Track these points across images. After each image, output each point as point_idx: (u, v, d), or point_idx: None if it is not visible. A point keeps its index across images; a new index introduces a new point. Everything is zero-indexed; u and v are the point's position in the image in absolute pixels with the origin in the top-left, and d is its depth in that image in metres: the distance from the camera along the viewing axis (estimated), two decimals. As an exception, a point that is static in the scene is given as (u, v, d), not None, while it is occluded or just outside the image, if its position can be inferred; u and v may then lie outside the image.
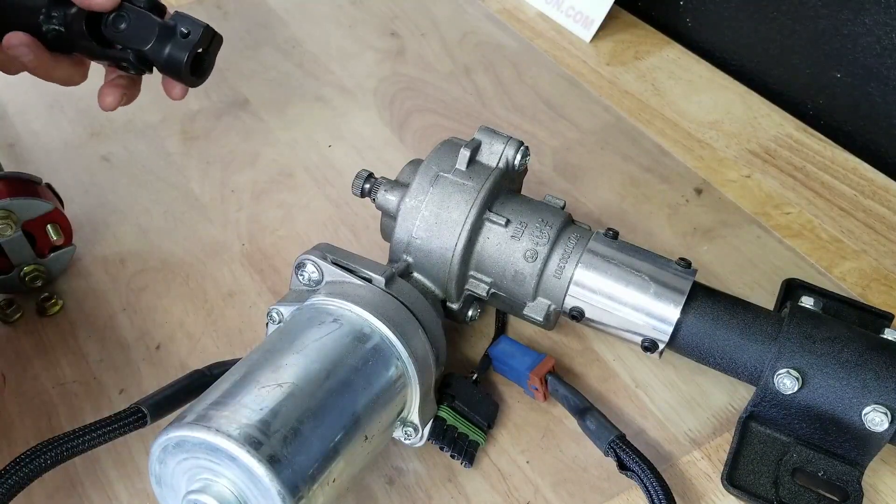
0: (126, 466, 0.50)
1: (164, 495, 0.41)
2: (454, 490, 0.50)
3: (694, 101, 0.80)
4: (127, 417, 0.45)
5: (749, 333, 0.50)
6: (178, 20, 0.56)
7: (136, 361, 0.56)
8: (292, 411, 0.40)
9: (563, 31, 0.89)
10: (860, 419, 0.47)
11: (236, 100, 0.78)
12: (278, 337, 0.46)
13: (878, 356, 0.48)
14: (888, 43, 0.72)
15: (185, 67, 0.56)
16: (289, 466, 0.38)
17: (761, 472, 0.50)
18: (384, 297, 0.48)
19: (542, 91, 0.81)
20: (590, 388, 0.56)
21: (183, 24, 0.56)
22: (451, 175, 0.52)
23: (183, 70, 0.56)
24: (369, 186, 0.54)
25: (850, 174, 0.72)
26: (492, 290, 0.54)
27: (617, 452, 0.49)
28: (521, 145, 0.54)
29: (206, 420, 0.39)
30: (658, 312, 0.50)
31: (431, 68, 0.83)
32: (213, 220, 0.66)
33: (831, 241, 0.66)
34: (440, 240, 0.52)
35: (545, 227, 0.52)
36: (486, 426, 0.52)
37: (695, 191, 0.71)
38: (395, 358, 0.46)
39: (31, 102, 0.77)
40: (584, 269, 0.51)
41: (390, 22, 0.90)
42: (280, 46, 0.85)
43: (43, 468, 0.42)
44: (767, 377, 0.49)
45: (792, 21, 0.79)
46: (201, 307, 0.60)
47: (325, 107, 0.78)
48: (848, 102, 0.77)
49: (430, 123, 0.76)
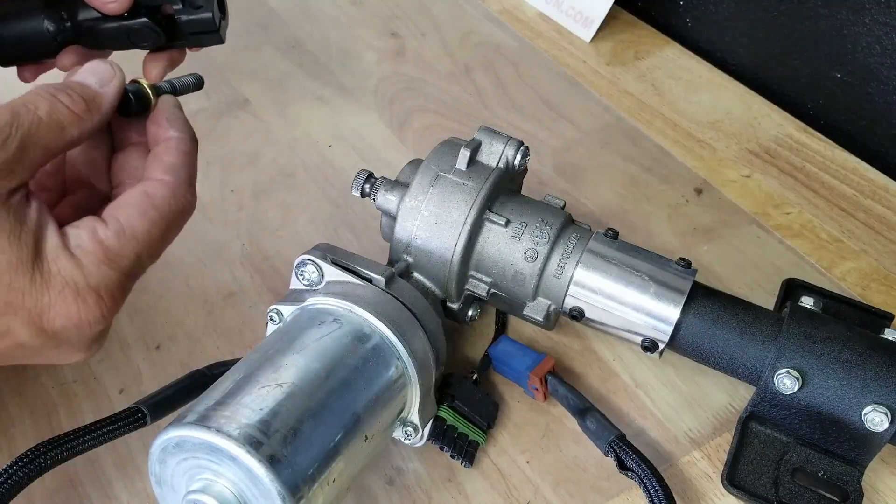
0: (126, 466, 0.50)
1: (164, 495, 0.41)
2: (454, 490, 0.50)
3: (694, 101, 0.80)
4: (127, 417, 0.45)
5: (749, 333, 0.50)
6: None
7: (136, 361, 0.56)
8: (292, 411, 0.40)
9: (563, 31, 0.89)
10: (860, 419, 0.47)
11: (236, 100, 0.78)
12: (278, 337, 0.46)
13: (878, 356, 0.48)
14: (888, 43, 0.72)
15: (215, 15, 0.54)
16: (289, 466, 0.38)
17: (761, 472, 0.50)
18: (384, 297, 0.48)
19: (542, 91, 0.81)
20: (590, 388, 0.56)
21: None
22: (451, 175, 0.53)
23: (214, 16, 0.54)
24: (369, 186, 0.54)
25: (850, 174, 0.72)
26: (492, 290, 0.54)
27: (617, 452, 0.49)
28: (521, 145, 0.54)
29: (206, 420, 0.39)
30: (658, 312, 0.50)
31: (431, 68, 0.83)
32: (213, 220, 0.66)
33: (831, 241, 0.66)
34: (440, 240, 0.52)
35: (545, 227, 0.52)
36: (486, 426, 0.52)
37: (695, 191, 0.71)
38: (395, 358, 0.46)
39: (31, 102, 0.77)
40: (584, 269, 0.51)
41: (390, 22, 0.90)
42: (280, 46, 0.85)
43: (43, 468, 0.42)
44: (767, 377, 0.49)
45: (792, 21, 0.79)
46: (201, 307, 0.60)
47: (325, 107, 0.78)
48: (848, 102, 0.77)
49: (430, 123, 0.76)
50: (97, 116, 0.38)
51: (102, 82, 0.39)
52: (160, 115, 0.41)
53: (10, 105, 0.35)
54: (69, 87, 0.38)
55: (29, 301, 0.35)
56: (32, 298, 0.35)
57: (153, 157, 0.40)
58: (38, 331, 0.35)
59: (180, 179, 0.39)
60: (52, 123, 0.36)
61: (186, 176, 0.40)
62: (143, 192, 0.38)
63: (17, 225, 0.34)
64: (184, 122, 0.41)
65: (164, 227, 0.38)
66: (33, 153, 0.35)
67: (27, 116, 0.35)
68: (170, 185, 0.38)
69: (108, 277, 0.36)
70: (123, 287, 0.37)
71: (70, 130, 0.37)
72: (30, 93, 0.36)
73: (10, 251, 0.34)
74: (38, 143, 0.35)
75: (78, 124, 0.37)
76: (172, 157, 0.39)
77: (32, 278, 0.35)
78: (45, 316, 0.35)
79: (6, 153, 0.34)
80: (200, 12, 0.55)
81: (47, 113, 0.36)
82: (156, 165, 0.39)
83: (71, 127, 0.37)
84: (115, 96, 0.39)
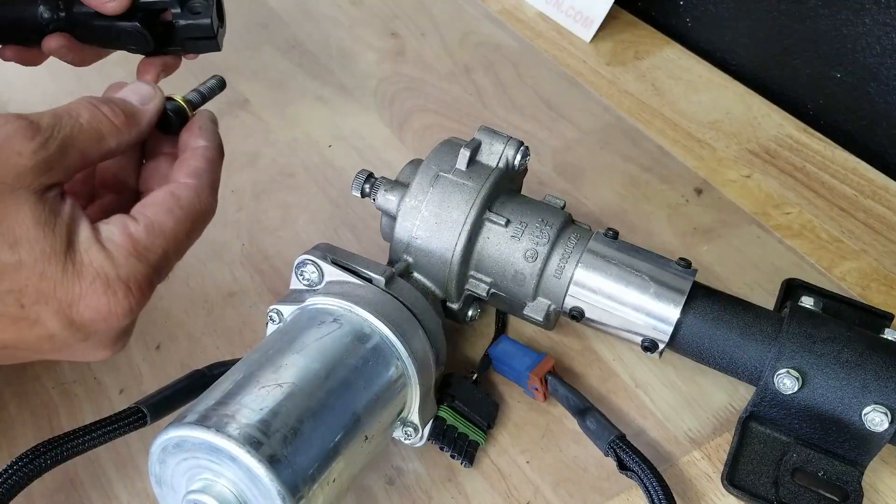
0: (126, 466, 0.50)
1: (164, 495, 0.41)
2: (454, 490, 0.50)
3: (694, 101, 0.80)
4: (127, 417, 0.45)
5: (749, 333, 0.50)
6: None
7: (136, 361, 0.56)
8: (292, 411, 0.40)
9: (563, 31, 0.89)
10: (860, 419, 0.47)
11: (236, 100, 0.78)
12: (278, 337, 0.46)
13: (878, 356, 0.48)
14: (888, 43, 0.72)
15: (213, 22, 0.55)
16: (289, 466, 0.38)
17: (761, 472, 0.50)
18: (384, 297, 0.48)
19: (542, 91, 0.81)
20: (590, 388, 0.56)
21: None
22: (451, 175, 0.53)
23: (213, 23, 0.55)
24: (369, 186, 0.54)
25: (850, 174, 0.72)
26: (492, 290, 0.54)
27: (617, 452, 0.49)
28: (521, 145, 0.54)
29: (206, 420, 0.39)
30: (658, 312, 0.50)
31: (431, 68, 0.83)
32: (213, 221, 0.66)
33: (831, 241, 0.66)
34: (440, 240, 0.52)
35: (545, 227, 0.52)
36: (486, 426, 0.52)
37: (695, 191, 0.71)
38: (395, 358, 0.46)
39: (31, 102, 0.77)
40: (584, 269, 0.51)
41: (390, 22, 0.90)
42: (280, 46, 0.85)
43: (43, 468, 0.42)
44: (767, 377, 0.49)
45: (792, 21, 0.79)
46: (201, 307, 0.60)
47: (325, 107, 0.78)
48: (848, 102, 0.77)
49: (430, 123, 0.76)
50: (135, 130, 0.40)
51: (143, 101, 0.41)
52: (194, 124, 0.43)
53: (55, 110, 0.37)
54: (111, 100, 0.40)
55: (60, 291, 0.35)
56: (64, 288, 0.35)
57: (180, 162, 0.42)
58: (68, 322, 0.36)
59: (203, 183, 0.41)
60: (91, 131, 0.38)
61: (209, 181, 0.41)
62: (170, 192, 0.40)
63: (51, 217, 0.35)
64: (213, 134, 0.43)
65: (188, 226, 0.40)
66: (72, 156, 0.37)
67: (69, 122, 0.37)
68: (193, 187, 0.40)
69: (137, 270, 0.37)
70: (151, 281, 0.38)
71: (108, 140, 0.39)
72: (74, 102, 0.38)
73: (45, 241, 0.35)
74: (77, 147, 0.37)
75: (116, 135, 0.39)
76: (198, 162, 0.41)
77: (65, 268, 0.35)
78: (75, 306, 0.36)
79: (47, 152, 0.35)
80: (198, 18, 0.55)
81: (88, 121, 0.38)
82: (182, 169, 0.41)
83: (109, 137, 0.39)
84: (154, 114, 0.42)
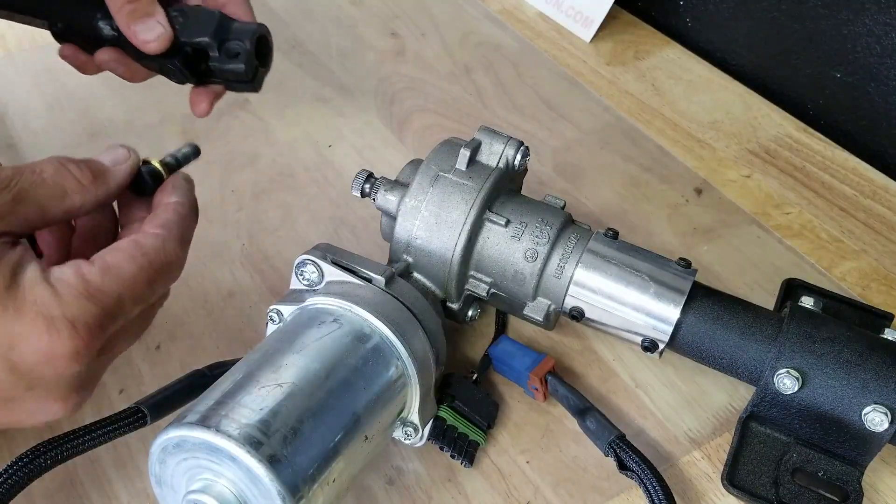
0: (126, 466, 0.50)
1: (164, 495, 0.41)
2: (454, 490, 0.50)
3: (694, 101, 0.80)
4: (127, 417, 0.45)
5: (749, 333, 0.50)
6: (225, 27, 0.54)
7: (136, 361, 0.56)
8: (292, 411, 0.40)
9: (563, 31, 0.89)
10: (860, 419, 0.47)
11: (236, 100, 0.78)
12: (278, 337, 0.46)
13: (878, 356, 0.48)
14: (888, 43, 0.72)
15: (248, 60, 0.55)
16: (289, 466, 0.38)
17: (761, 472, 0.50)
18: (384, 297, 0.48)
19: (542, 91, 0.81)
20: (590, 388, 0.56)
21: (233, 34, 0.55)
22: (451, 175, 0.53)
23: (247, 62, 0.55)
24: (369, 186, 0.54)
25: (850, 174, 0.72)
26: (492, 290, 0.54)
27: (617, 452, 0.49)
28: (521, 145, 0.54)
29: (206, 420, 0.39)
30: (658, 312, 0.50)
31: (431, 68, 0.83)
32: (213, 221, 0.66)
33: (831, 241, 0.66)
34: (440, 240, 0.52)
35: (545, 227, 0.52)
36: (486, 426, 0.52)
37: (695, 191, 0.71)
38: (395, 358, 0.46)
39: (31, 102, 0.77)
40: (584, 269, 0.51)
41: (390, 22, 0.90)
42: (280, 46, 0.85)
43: (43, 468, 0.42)
44: (767, 377, 0.49)
45: (792, 21, 0.79)
46: (201, 307, 0.60)
47: (325, 107, 0.78)
48: (848, 102, 0.77)
49: (430, 123, 0.76)
50: (103, 189, 0.40)
51: (115, 162, 0.41)
52: (168, 184, 0.43)
53: (18, 165, 0.37)
54: (81, 160, 0.40)
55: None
56: (3, 328, 0.34)
57: (150, 217, 0.41)
58: (9, 366, 0.34)
59: (171, 235, 0.40)
60: (55, 186, 0.38)
61: (178, 234, 0.40)
62: (133, 239, 0.39)
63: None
64: (187, 192, 0.43)
65: (150, 274, 0.38)
66: (28, 208, 0.37)
67: (30, 176, 0.37)
68: (160, 237, 0.39)
69: (85, 310, 0.35)
70: (102, 324, 0.36)
71: (73, 197, 0.38)
72: (42, 159, 0.38)
73: None
74: (36, 201, 0.37)
75: (81, 192, 0.39)
76: (168, 215, 0.41)
77: (4, 306, 0.34)
78: (16, 348, 0.34)
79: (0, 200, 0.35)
80: (234, 62, 0.55)
81: (52, 175, 0.38)
82: (151, 222, 0.41)
83: (73, 194, 0.38)
84: (125, 175, 0.41)
